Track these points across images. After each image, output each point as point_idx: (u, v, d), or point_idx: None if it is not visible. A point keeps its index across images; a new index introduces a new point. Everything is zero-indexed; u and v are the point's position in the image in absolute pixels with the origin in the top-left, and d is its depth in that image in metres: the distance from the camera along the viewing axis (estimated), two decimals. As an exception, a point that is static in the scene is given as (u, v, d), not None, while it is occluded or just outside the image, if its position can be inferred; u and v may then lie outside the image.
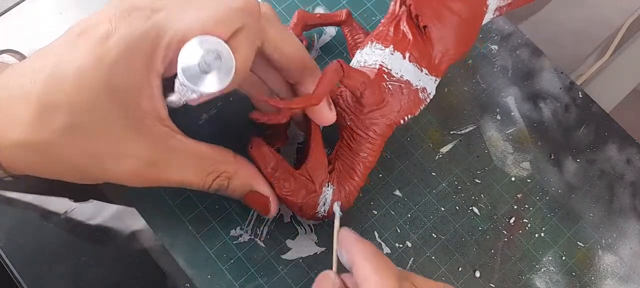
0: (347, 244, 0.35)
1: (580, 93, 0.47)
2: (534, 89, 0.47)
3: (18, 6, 0.48)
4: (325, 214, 0.40)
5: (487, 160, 0.45)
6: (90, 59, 0.33)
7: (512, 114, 0.47)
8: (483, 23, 0.44)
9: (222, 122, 0.45)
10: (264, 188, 0.39)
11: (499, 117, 0.46)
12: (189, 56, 0.33)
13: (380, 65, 0.40)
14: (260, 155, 0.38)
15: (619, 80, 0.51)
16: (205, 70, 0.33)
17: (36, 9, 0.48)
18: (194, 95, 0.35)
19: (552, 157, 0.45)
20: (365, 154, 0.40)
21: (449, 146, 0.45)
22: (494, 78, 0.48)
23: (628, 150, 0.46)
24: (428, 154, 0.45)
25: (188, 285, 0.40)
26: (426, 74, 0.41)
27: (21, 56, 0.44)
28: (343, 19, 0.46)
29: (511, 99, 0.47)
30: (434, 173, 0.44)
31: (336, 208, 0.38)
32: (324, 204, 0.40)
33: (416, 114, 0.42)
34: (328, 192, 0.40)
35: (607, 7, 0.53)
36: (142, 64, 0.34)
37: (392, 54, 0.40)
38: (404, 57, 0.40)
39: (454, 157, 0.45)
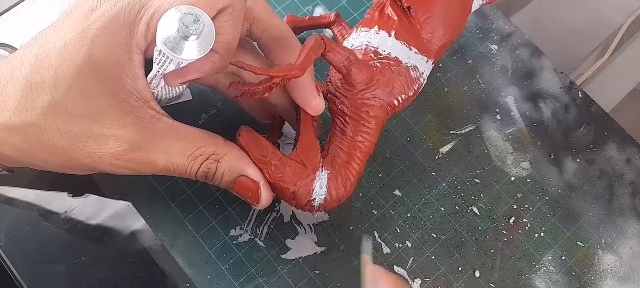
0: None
1: (580, 93, 0.47)
2: (534, 89, 0.47)
3: (18, 6, 0.48)
4: (323, 203, 0.38)
5: (487, 160, 0.45)
6: (74, 34, 0.33)
7: (512, 114, 0.47)
8: (474, 10, 0.44)
9: (222, 122, 0.45)
10: (254, 173, 0.37)
11: (499, 117, 0.46)
12: (168, 24, 0.33)
13: (366, 44, 0.40)
14: (249, 141, 0.37)
15: (619, 80, 0.51)
16: (185, 35, 0.33)
17: (36, 9, 0.48)
18: (172, 66, 0.34)
19: (552, 157, 0.45)
20: (362, 139, 0.39)
21: (449, 146, 0.45)
22: (494, 78, 0.48)
23: (628, 150, 0.46)
24: (428, 154, 0.45)
25: (188, 285, 0.40)
26: (416, 52, 0.40)
27: (14, 50, 0.44)
28: (332, 20, 0.46)
29: (511, 99, 0.47)
30: (434, 174, 0.44)
31: (365, 243, 0.38)
32: (320, 190, 0.38)
33: (411, 95, 0.40)
34: (323, 177, 0.38)
35: (607, 7, 0.53)
36: (124, 38, 0.33)
37: (378, 33, 0.40)
38: (390, 35, 0.40)
39: (454, 157, 0.45)
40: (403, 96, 0.40)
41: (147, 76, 0.35)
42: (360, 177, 0.39)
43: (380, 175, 0.44)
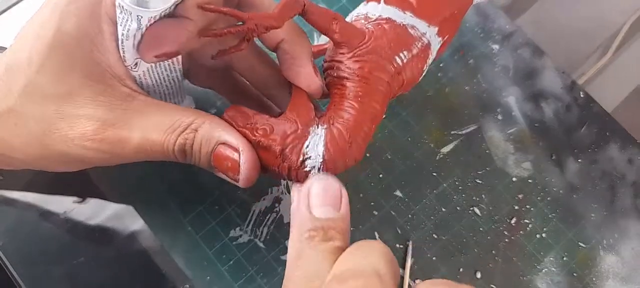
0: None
1: (581, 93, 0.47)
2: (535, 89, 0.47)
3: (18, 6, 0.48)
4: (319, 165, 0.33)
5: (488, 161, 0.45)
6: (48, 11, 0.33)
7: (513, 113, 0.46)
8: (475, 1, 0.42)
9: (222, 122, 0.45)
10: (233, 139, 0.33)
11: (500, 117, 0.46)
12: None
13: (355, 16, 0.38)
14: (234, 113, 0.34)
15: (621, 80, 0.51)
16: None
17: (36, 9, 0.48)
18: (135, 25, 0.31)
19: (554, 157, 0.45)
20: (366, 100, 0.34)
21: (450, 146, 0.45)
22: (495, 78, 0.48)
23: (629, 150, 0.46)
24: (429, 154, 0.45)
25: (187, 285, 0.40)
26: (412, 16, 0.37)
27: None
28: None
29: (512, 99, 0.47)
30: (434, 174, 0.44)
31: (409, 246, 0.39)
32: (315, 148, 0.33)
33: (415, 54, 0.37)
34: (319, 133, 0.33)
35: (609, 6, 0.53)
36: (91, 5, 0.33)
37: (366, 4, 0.38)
38: (379, 3, 0.37)
39: (454, 157, 0.45)
40: (405, 53, 0.36)
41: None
42: (368, 141, 0.35)
43: (381, 175, 0.44)
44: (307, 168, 0.33)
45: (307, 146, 0.33)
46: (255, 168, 0.34)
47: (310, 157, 0.33)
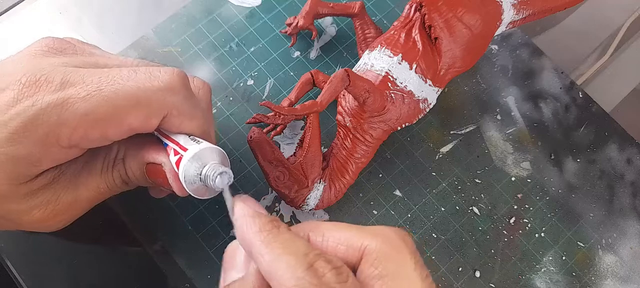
0: (241, 226, 0.29)
1: (580, 93, 0.47)
2: (534, 89, 0.47)
3: (18, 6, 0.48)
4: (314, 208, 0.41)
5: (487, 160, 0.45)
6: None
7: (512, 113, 0.47)
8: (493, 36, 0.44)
9: (222, 122, 0.45)
10: (155, 157, 0.35)
11: (499, 117, 0.46)
12: (191, 171, 0.34)
13: (387, 72, 0.41)
14: (258, 146, 0.39)
15: (619, 80, 0.51)
16: (206, 184, 0.34)
17: (36, 9, 0.48)
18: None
19: (552, 157, 0.45)
20: (359, 155, 0.41)
21: (449, 146, 0.45)
22: (494, 78, 0.48)
23: (628, 150, 0.46)
24: (428, 154, 0.45)
25: (188, 285, 0.40)
26: (430, 85, 0.42)
27: None
28: (356, 11, 0.46)
29: (511, 99, 0.47)
30: (434, 173, 0.44)
31: (224, 181, 0.34)
32: (314, 199, 0.40)
33: (414, 122, 0.43)
34: (319, 188, 0.40)
35: (608, 6, 0.53)
36: (40, 138, 0.32)
37: (400, 64, 0.41)
38: (411, 68, 0.41)
39: (454, 157, 0.45)
40: (407, 124, 0.42)
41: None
42: (351, 185, 0.42)
43: (380, 175, 0.44)
44: (303, 208, 0.41)
45: (309, 198, 0.40)
46: (178, 182, 0.35)
47: (307, 204, 0.41)
